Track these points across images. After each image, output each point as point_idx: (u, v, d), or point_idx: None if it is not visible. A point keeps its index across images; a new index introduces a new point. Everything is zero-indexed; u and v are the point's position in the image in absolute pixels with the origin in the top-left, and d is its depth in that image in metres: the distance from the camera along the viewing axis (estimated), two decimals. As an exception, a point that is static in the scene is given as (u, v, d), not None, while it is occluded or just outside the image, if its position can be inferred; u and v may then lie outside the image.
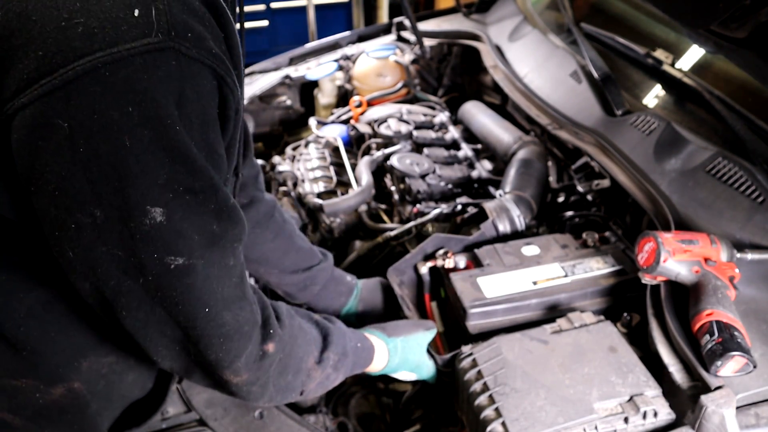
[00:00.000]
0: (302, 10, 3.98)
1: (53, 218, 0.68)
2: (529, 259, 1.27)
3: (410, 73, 2.20)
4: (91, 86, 0.62)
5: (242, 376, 0.83)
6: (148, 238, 0.68)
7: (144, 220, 0.67)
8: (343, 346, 1.02)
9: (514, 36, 2.05)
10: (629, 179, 1.37)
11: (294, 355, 0.92)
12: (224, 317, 0.77)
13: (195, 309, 0.74)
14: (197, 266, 0.72)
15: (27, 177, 0.67)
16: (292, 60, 2.25)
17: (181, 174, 0.68)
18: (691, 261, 1.08)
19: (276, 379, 0.90)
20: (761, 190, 1.18)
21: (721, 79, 1.52)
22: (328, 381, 1.02)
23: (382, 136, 1.90)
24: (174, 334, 0.76)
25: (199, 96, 0.69)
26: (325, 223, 1.67)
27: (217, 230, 0.74)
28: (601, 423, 0.93)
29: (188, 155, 0.68)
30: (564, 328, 1.09)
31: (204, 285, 0.74)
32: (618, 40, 1.74)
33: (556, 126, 1.65)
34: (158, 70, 0.64)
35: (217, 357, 0.79)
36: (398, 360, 1.14)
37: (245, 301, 0.81)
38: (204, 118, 0.71)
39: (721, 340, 0.94)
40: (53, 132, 0.63)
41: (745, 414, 0.94)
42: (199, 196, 0.71)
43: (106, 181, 0.65)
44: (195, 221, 0.71)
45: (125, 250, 0.69)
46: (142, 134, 0.64)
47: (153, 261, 0.70)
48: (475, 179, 1.75)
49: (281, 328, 0.89)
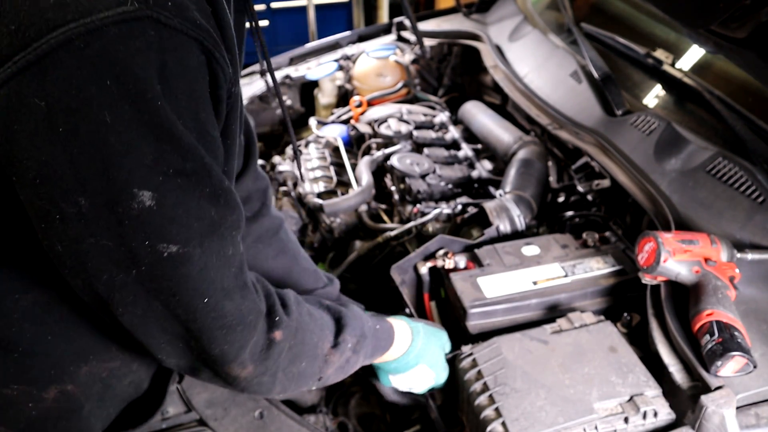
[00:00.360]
0: (302, 10, 3.98)
1: (38, 210, 0.64)
2: (529, 259, 1.27)
3: (410, 73, 2.20)
4: (67, 59, 0.58)
5: (249, 368, 0.80)
6: (137, 224, 0.64)
7: (131, 204, 0.63)
8: (360, 328, 0.98)
9: (515, 36, 2.05)
10: (629, 179, 1.37)
11: (306, 341, 0.88)
12: (225, 307, 0.74)
13: (193, 300, 0.71)
14: (193, 255, 0.68)
15: (7, 165, 0.63)
16: (292, 60, 2.25)
17: (168, 153, 0.64)
18: (691, 261, 1.08)
19: (287, 367, 0.86)
20: (761, 190, 1.18)
21: (721, 79, 1.52)
22: (349, 365, 0.97)
23: (382, 136, 1.90)
24: (175, 330, 0.73)
25: (184, 70, 0.65)
26: (325, 223, 1.67)
27: (216, 217, 0.70)
28: (601, 423, 0.93)
29: (174, 133, 0.64)
30: (564, 328, 1.09)
31: (201, 274, 0.70)
32: (618, 40, 1.74)
33: (557, 126, 1.65)
34: (135, 40, 0.60)
35: (222, 350, 0.76)
36: (420, 346, 1.08)
37: (247, 290, 0.78)
38: (192, 95, 0.66)
39: (722, 340, 0.94)
40: (30, 113, 0.60)
41: (745, 414, 0.94)
42: (192, 179, 0.66)
43: (88, 164, 0.61)
44: (190, 207, 0.67)
45: (114, 239, 0.65)
46: (122, 110, 0.60)
47: (144, 249, 0.65)
48: (475, 179, 1.75)
49: (288, 315, 0.85)
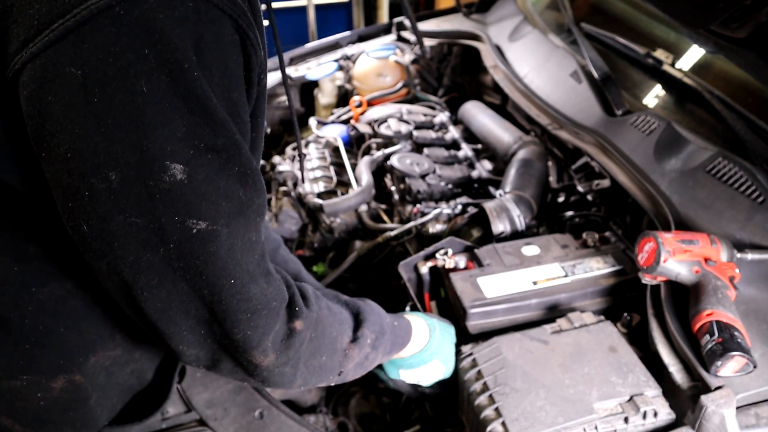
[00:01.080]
0: (302, 10, 3.98)
1: (66, 187, 0.64)
2: (529, 259, 1.27)
3: (410, 73, 2.20)
4: (106, 26, 0.58)
5: (271, 357, 0.79)
6: (169, 198, 0.64)
7: (164, 177, 0.63)
8: (379, 324, 0.98)
9: (514, 36, 2.05)
10: (629, 179, 1.37)
11: (327, 335, 0.88)
12: (251, 290, 0.73)
13: (220, 280, 0.70)
14: (221, 233, 0.68)
15: (38, 141, 0.63)
16: (292, 60, 2.25)
17: (201, 127, 0.64)
18: (691, 261, 1.08)
19: (308, 359, 0.86)
20: (761, 190, 1.18)
21: (721, 79, 1.52)
22: (368, 361, 0.97)
23: (382, 136, 1.90)
24: (199, 314, 0.72)
25: (219, 45, 0.65)
26: (325, 223, 1.67)
27: (244, 197, 0.69)
28: (601, 423, 0.93)
29: (208, 105, 0.64)
30: (564, 328, 1.09)
31: (228, 255, 0.69)
32: (618, 40, 1.74)
33: (556, 126, 1.65)
34: (174, 10, 0.60)
35: (245, 336, 0.74)
36: (437, 341, 1.09)
37: (271, 277, 0.77)
38: (225, 71, 0.66)
39: (721, 340, 0.94)
40: (65, 83, 0.59)
41: (745, 414, 0.94)
42: (222, 155, 0.66)
43: (122, 135, 0.61)
44: (219, 184, 0.67)
45: (144, 215, 0.64)
46: (159, 79, 0.60)
47: (174, 224, 0.65)
48: (475, 179, 1.75)
49: (308, 306, 0.85)
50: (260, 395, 1.06)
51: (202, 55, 0.63)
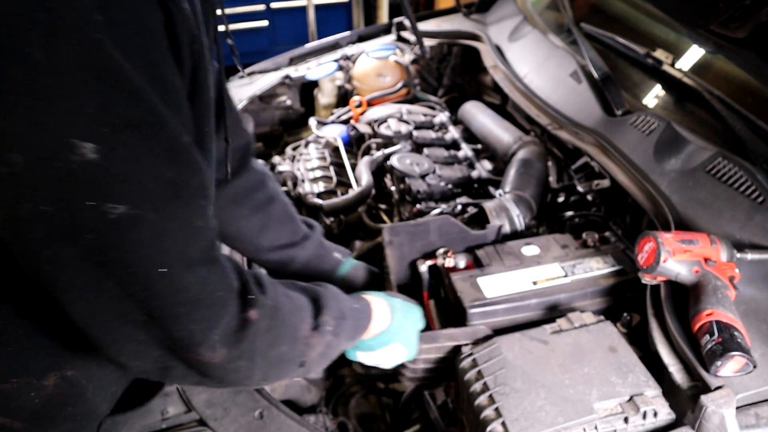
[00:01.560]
0: (302, 10, 3.98)
1: None
2: (529, 259, 1.27)
3: (410, 73, 2.20)
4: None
5: (222, 352, 0.73)
6: (78, 180, 0.57)
7: (70, 157, 0.56)
8: (339, 309, 0.93)
9: (514, 36, 2.06)
10: (629, 179, 1.37)
11: (285, 323, 0.82)
12: (187, 279, 0.66)
13: (150, 271, 0.63)
14: (146, 218, 0.61)
15: None
16: (292, 60, 2.25)
17: (113, 99, 0.57)
18: (691, 261, 1.08)
19: (266, 351, 0.80)
20: (761, 190, 1.18)
21: (721, 79, 1.52)
22: (331, 349, 0.92)
23: (382, 136, 1.90)
24: (134, 316, 0.65)
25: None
26: (324, 223, 1.67)
27: (176, 178, 0.63)
28: (601, 423, 0.93)
29: (119, 73, 0.56)
30: (564, 328, 1.09)
31: (156, 241, 0.62)
32: (618, 40, 1.74)
33: (556, 126, 1.65)
34: None
35: (187, 332, 0.68)
36: (399, 322, 1.04)
37: (216, 266, 0.71)
38: (139, 29, 0.58)
39: (721, 340, 0.94)
40: None
41: (745, 414, 0.94)
42: (142, 130, 0.59)
43: (20, 112, 0.54)
44: (142, 163, 0.60)
45: (54, 202, 0.57)
46: (56, 46, 0.53)
47: (87, 210, 0.58)
48: (475, 179, 1.75)
49: (263, 294, 0.79)
50: (260, 395, 1.06)
51: (107, 13, 0.55)
